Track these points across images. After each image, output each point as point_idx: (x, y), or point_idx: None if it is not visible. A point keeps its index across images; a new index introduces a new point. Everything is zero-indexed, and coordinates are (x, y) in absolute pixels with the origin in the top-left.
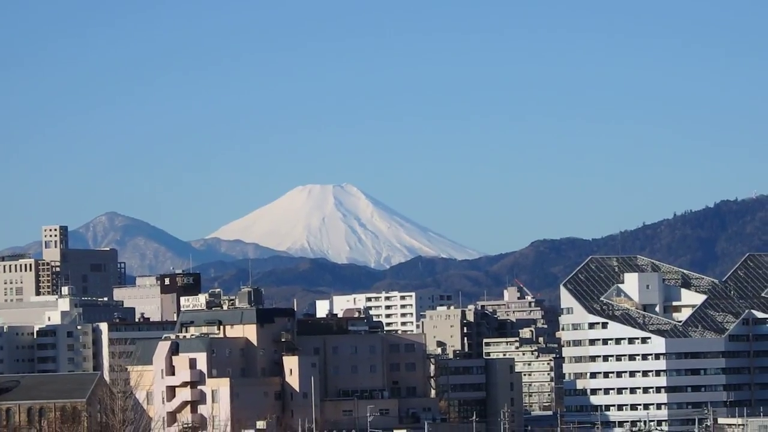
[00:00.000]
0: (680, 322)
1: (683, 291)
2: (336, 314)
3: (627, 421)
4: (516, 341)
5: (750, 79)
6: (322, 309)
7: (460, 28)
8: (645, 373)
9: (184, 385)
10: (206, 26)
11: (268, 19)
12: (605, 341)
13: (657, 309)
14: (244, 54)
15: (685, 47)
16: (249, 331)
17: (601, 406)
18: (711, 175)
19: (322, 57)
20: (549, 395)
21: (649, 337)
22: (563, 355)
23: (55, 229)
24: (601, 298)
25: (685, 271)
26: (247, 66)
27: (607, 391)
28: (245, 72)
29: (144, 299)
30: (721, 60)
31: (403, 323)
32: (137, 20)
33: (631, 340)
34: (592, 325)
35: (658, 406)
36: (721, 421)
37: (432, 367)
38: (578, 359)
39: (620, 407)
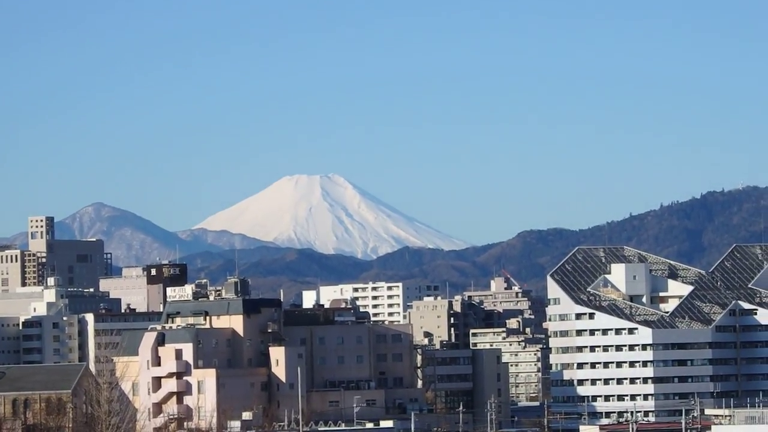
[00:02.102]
0: (667, 312)
1: (670, 282)
2: (323, 305)
3: (614, 412)
4: (503, 332)
5: (737, 70)
6: (308, 299)
7: (447, 19)
8: (632, 364)
9: (170, 375)
10: (194, 17)
11: (256, 9)
12: (592, 332)
13: (644, 300)
14: (231, 45)
15: (670, 39)
16: (235, 322)
17: (588, 396)
18: (698, 166)
19: (309, 48)
20: (536, 386)
21: (636, 328)
22: (550, 346)
23: (42, 220)
24: (588, 289)
25: (671, 262)
26: (234, 57)
27: (594, 381)
28: (232, 63)
29: (130, 290)
30: (707, 51)
31: (390, 314)
32: (122, 10)
33: (617, 331)
34: (579, 316)
35: (645, 396)
36: (707, 411)
37: (419, 357)
38: (565, 350)
39: (607, 398)
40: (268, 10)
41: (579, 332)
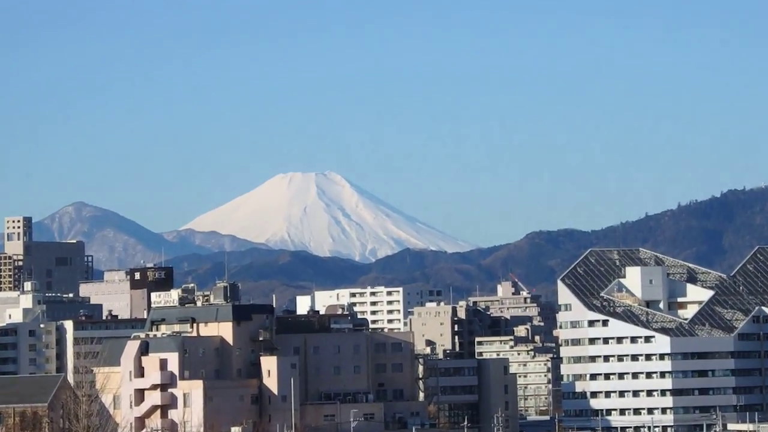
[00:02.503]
0: (686, 319)
1: (689, 286)
2: (318, 311)
3: (630, 427)
4: (510, 340)
5: (758, 66)
6: (303, 305)
7: (450, 16)
8: (649, 375)
9: (153, 387)
10: (188, 16)
11: (251, 7)
12: (606, 340)
13: (661, 305)
14: (224, 41)
15: (688, 36)
16: (224, 330)
17: (601, 410)
18: (717, 163)
19: (305, 44)
20: (546, 398)
21: (653, 336)
22: (561, 355)
23: (19, 221)
24: (602, 294)
25: (690, 265)
26: (226, 53)
27: (608, 394)
28: (224, 59)
29: (112, 295)
30: (726, 47)
31: (390, 320)
32: (114, 10)
33: (633, 339)
34: (591, 323)
35: (663, 410)
36: (730, 426)
37: (420, 368)
38: (577, 359)
39: (622, 411)
40: (263, 8)
41: (592, 340)
